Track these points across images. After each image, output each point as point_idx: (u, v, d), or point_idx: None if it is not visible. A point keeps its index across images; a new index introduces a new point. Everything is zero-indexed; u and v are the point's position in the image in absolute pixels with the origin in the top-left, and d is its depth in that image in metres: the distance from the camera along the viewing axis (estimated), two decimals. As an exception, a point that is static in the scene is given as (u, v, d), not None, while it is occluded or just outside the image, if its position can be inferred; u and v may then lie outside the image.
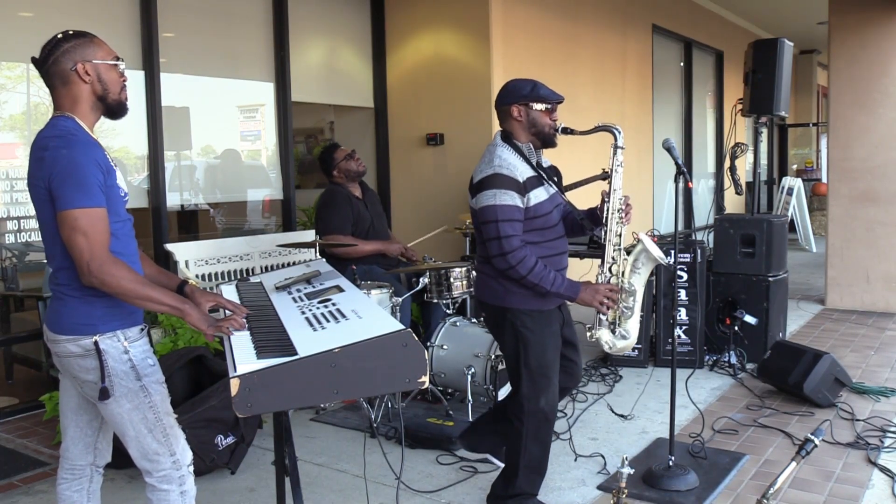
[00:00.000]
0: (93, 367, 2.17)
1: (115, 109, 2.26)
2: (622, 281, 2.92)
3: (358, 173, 4.95)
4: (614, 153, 2.94)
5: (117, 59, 2.25)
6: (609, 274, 2.91)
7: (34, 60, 2.20)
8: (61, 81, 2.18)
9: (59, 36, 2.19)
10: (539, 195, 2.86)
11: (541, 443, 2.97)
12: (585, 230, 3.05)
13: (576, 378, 3.21)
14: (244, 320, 2.14)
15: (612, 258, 2.92)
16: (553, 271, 2.83)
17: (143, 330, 2.27)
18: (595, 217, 3.01)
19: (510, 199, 2.77)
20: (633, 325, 2.94)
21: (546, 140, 2.95)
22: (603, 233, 2.93)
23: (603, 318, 2.93)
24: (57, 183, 2.06)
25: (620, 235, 2.92)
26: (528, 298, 2.88)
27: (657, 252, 2.91)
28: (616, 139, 2.93)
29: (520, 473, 2.97)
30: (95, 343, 2.14)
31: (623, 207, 2.92)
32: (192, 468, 2.34)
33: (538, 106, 2.89)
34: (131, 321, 2.22)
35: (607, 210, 2.92)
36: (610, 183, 2.94)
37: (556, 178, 3.06)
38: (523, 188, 2.81)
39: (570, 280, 2.87)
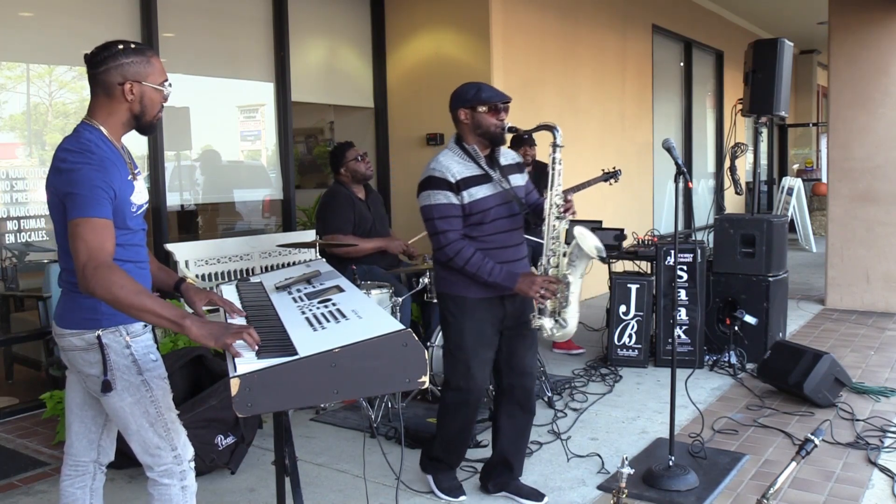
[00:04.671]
0: (96, 360, 2.19)
1: (145, 128, 2.29)
2: (559, 273, 3.03)
3: (365, 176, 4.94)
4: (553, 151, 3.04)
5: (166, 81, 2.27)
6: (547, 265, 3.03)
7: (86, 58, 2.21)
8: (104, 91, 2.20)
9: (120, 47, 2.20)
10: (476, 193, 3.03)
11: (460, 421, 3.22)
12: (530, 225, 3.22)
13: (527, 374, 3.26)
14: (257, 336, 2.00)
15: (552, 251, 3.03)
16: (492, 262, 3.01)
17: (146, 325, 2.28)
18: (540, 211, 3.14)
19: (444, 197, 3.02)
20: (570, 315, 3.05)
21: (493, 139, 3.09)
22: (543, 227, 3.05)
23: (544, 307, 3.05)
24: (69, 196, 2.09)
25: (559, 229, 3.03)
26: (453, 284, 3.11)
27: (590, 246, 2.98)
28: (555, 138, 3.03)
29: (437, 439, 3.30)
30: (98, 337, 2.17)
31: (562, 203, 3.02)
32: (193, 464, 2.35)
33: (482, 108, 3.06)
34: None
35: (547, 205, 3.03)
36: (550, 179, 3.03)
37: (518, 175, 3.21)
38: (456, 188, 3.02)
39: (508, 271, 3.02)
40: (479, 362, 3.13)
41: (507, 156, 3.24)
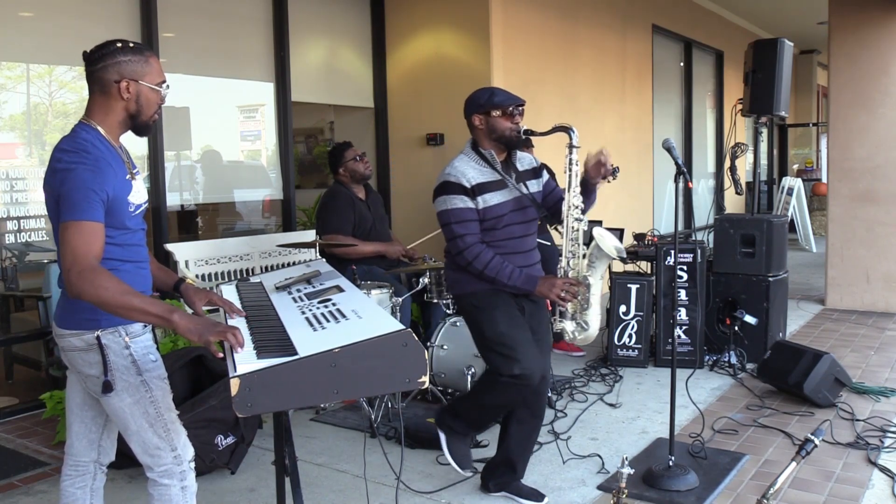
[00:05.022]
0: (95, 361, 2.19)
1: (140, 129, 2.29)
2: (578, 275, 3.01)
3: (363, 176, 4.96)
4: (570, 152, 3.02)
5: (163, 83, 2.27)
6: (567, 268, 3.01)
7: (85, 55, 2.22)
8: (101, 89, 2.21)
9: (119, 45, 2.20)
10: (491, 199, 3.01)
11: (504, 401, 3.10)
12: (548, 225, 3.15)
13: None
14: (242, 338, 2.01)
15: (571, 252, 3.01)
16: (510, 266, 3.00)
17: (146, 326, 2.28)
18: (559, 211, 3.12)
19: (460, 202, 2.99)
20: (592, 317, 3.03)
21: (509, 144, 3.08)
22: (564, 229, 3.03)
23: (565, 309, 3.04)
24: (63, 197, 2.09)
25: (577, 231, 3.00)
26: (472, 282, 3.06)
27: (609, 246, 2.96)
28: (571, 139, 3.01)
29: (469, 404, 3.21)
30: (97, 338, 2.18)
31: (580, 205, 2.99)
32: (193, 464, 2.35)
33: (496, 112, 3.03)
34: None
35: (565, 207, 3.01)
36: (567, 181, 3.01)
37: (534, 181, 3.18)
38: (471, 193, 2.99)
39: (528, 274, 3.02)
40: (523, 343, 3.01)
41: (524, 161, 3.22)
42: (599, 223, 5.94)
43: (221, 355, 1.97)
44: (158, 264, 2.52)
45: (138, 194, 2.25)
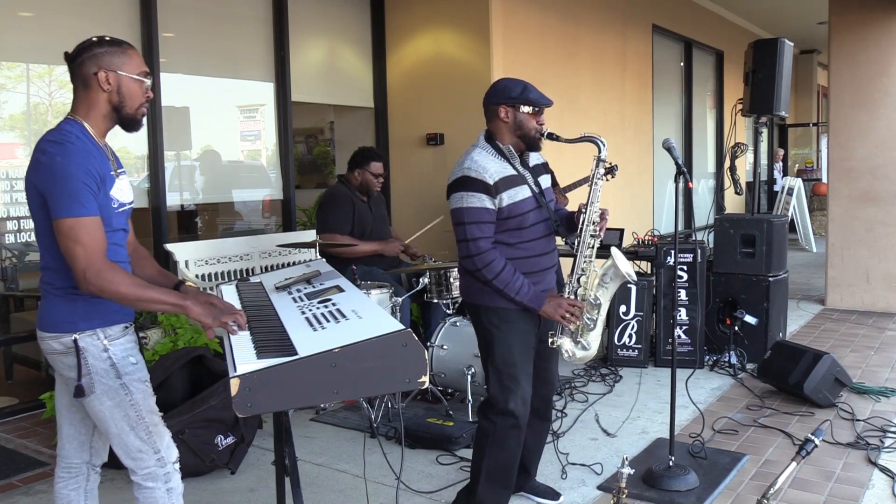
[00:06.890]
0: (73, 364, 2.18)
1: (127, 122, 2.27)
2: (589, 294, 2.92)
3: (370, 192, 4.98)
4: (596, 165, 2.93)
5: (145, 74, 2.26)
6: (577, 285, 2.91)
7: (66, 56, 2.23)
8: (82, 84, 2.21)
9: (94, 39, 2.21)
10: (514, 195, 2.84)
11: (508, 450, 2.91)
12: (560, 237, 3.08)
13: (549, 384, 3.15)
14: (245, 318, 2.13)
15: (582, 269, 2.92)
16: (521, 279, 2.83)
17: (126, 328, 2.26)
18: (571, 224, 3.01)
19: (478, 201, 2.78)
20: (594, 338, 2.96)
21: (530, 143, 2.93)
22: (576, 243, 2.94)
23: (566, 327, 2.94)
24: (49, 191, 2.07)
25: (593, 247, 2.93)
26: (495, 296, 2.88)
27: (626, 269, 2.91)
28: (600, 151, 2.92)
29: (481, 480, 2.92)
30: (74, 341, 2.16)
31: (598, 221, 2.92)
32: (178, 465, 2.33)
33: (526, 108, 2.88)
34: (113, 319, 2.22)
35: (582, 221, 2.92)
36: (589, 194, 2.94)
37: (545, 176, 3.09)
38: (493, 190, 2.80)
39: (535, 291, 2.86)
40: (527, 378, 2.90)
41: (534, 155, 3.07)
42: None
43: (238, 333, 2.06)
44: (159, 268, 2.51)
45: (122, 192, 2.24)
